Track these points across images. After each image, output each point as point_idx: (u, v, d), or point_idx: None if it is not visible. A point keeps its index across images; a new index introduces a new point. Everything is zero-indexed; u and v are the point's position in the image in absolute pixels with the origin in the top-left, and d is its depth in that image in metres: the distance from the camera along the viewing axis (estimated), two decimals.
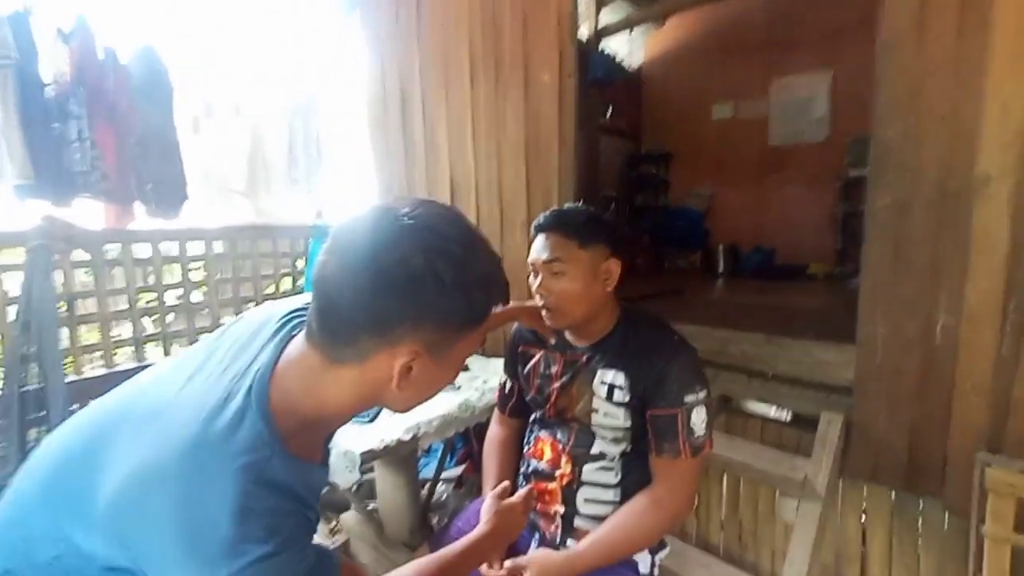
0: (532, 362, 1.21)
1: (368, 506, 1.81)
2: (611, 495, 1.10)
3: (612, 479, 1.10)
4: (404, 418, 1.46)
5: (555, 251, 1.04)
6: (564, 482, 1.12)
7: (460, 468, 2.32)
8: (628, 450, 1.09)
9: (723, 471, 1.60)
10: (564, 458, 1.13)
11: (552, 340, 1.18)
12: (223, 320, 2.22)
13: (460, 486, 2.19)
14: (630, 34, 4.98)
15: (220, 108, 2.23)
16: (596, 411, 1.09)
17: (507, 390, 1.29)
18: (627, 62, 5.14)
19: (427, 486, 2.02)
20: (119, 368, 1.89)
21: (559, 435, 1.15)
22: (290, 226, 2.46)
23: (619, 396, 1.06)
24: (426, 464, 2.28)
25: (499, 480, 1.20)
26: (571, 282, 1.03)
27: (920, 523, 1.34)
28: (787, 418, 1.71)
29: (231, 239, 2.23)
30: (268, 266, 2.41)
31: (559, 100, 1.94)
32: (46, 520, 0.58)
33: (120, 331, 2.05)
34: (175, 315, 2.09)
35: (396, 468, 1.60)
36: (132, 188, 1.99)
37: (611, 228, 1.09)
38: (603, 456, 1.10)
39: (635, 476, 1.09)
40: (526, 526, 1.17)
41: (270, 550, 0.49)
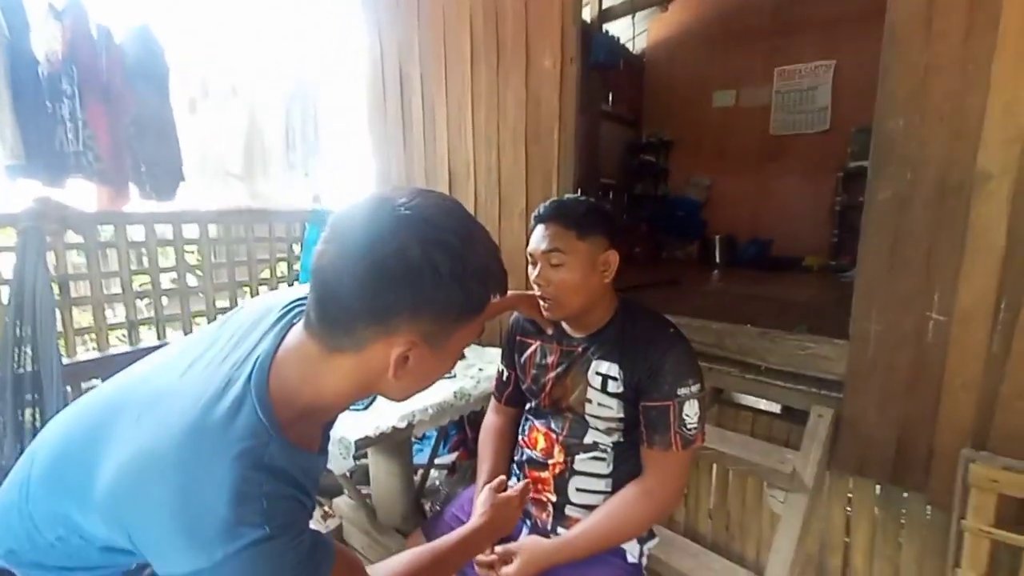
0: (528, 351, 1.21)
1: (361, 491, 1.83)
2: (602, 485, 1.11)
3: (604, 469, 1.11)
4: (399, 406, 1.47)
5: (554, 241, 1.04)
6: (556, 471, 1.14)
7: (453, 455, 2.35)
8: (621, 440, 1.11)
9: (713, 463, 1.62)
10: (557, 447, 1.14)
11: (550, 330, 1.19)
12: (218, 304, 2.21)
13: (453, 472, 2.22)
14: (633, 18, 4.90)
15: (217, 90, 2.19)
16: (590, 401, 1.10)
17: (504, 379, 1.30)
18: (629, 46, 5.07)
19: (420, 472, 2.04)
20: (112, 352, 1.89)
21: (553, 424, 1.17)
22: (287, 210, 2.44)
23: (613, 387, 1.07)
24: (419, 450, 2.30)
25: (494, 467, 1.21)
26: (569, 273, 1.03)
27: (903, 516, 1.36)
28: (778, 409, 1.73)
29: (227, 223, 2.21)
30: (264, 250, 2.39)
31: (560, 86, 1.91)
32: (48, 503, 0.59)
33: (113, 314, 2.04)
34: (169, 298, 2.08)
35: (390, 454, 1.62)
36: (126, 170, 1.96)
37: (610, 219, 1.09)
38: (596, 446, 1.12)
39: (627, 467, 1.10)
40: None
41: (266, 534, 0.50)
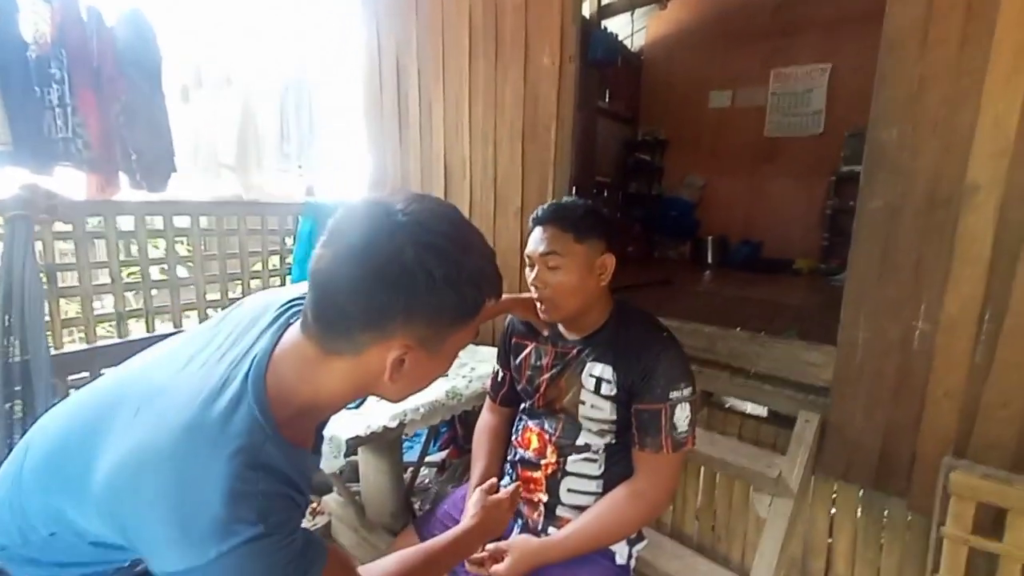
0: (524, 353, 1.22)
1: (350, 488, 1.82)
2: (594, 486, 1.13)
3: (595, 470, 1.13)
4: (390, 405, 1.47)
5: (552, 244, 1.05)
6: (548, 471, 1.15)
7: (444, 453, 2.36)
8: (613, 442, 1.12)
9: (701, 466, 1.64)
10: (550, 448, 1.15)
11: (545, 331, 1.20)
12: (208, 296, 2.19)
13: (443, 470, 2.22)
14: (632, 14, 4.89)
15: (211, 78, 2.15)
16: (583, 403, 1.11)
17: (499, 379, 1.31)
18: (628, 43, 5.06)
19: (410, 470, 2.04)
20: (100, 343, 1.87)
21: (546, 425, 1.18)
22: (279, 203, 2.41)
23: (606, 389, 1.08)
24: (409, 447, 2.31)
25: (488, 466, 1.22)
26: (567, 275, 1.04)
27: (885, 520, 1.39)
28: (766, 413, 1.76)
29: (219, 214, 2.19)
30: (256, 243, 2.37)
31: (558, 84, 1.91)
32: (43, 499, 0.59)
33: (101, 304, 2.01)
34: (159, 290, 2.06)
35: (380, 452, 1.62)
36: (116, 158, 1.92)
37: (607, 223, 1.10)
38: (588, 448, 1.13)
39: (618, 468, 1.12)
40: None
41: (260, 532, 0.50)
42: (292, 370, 0.58)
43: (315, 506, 1.97)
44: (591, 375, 1.10)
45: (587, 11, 4.34)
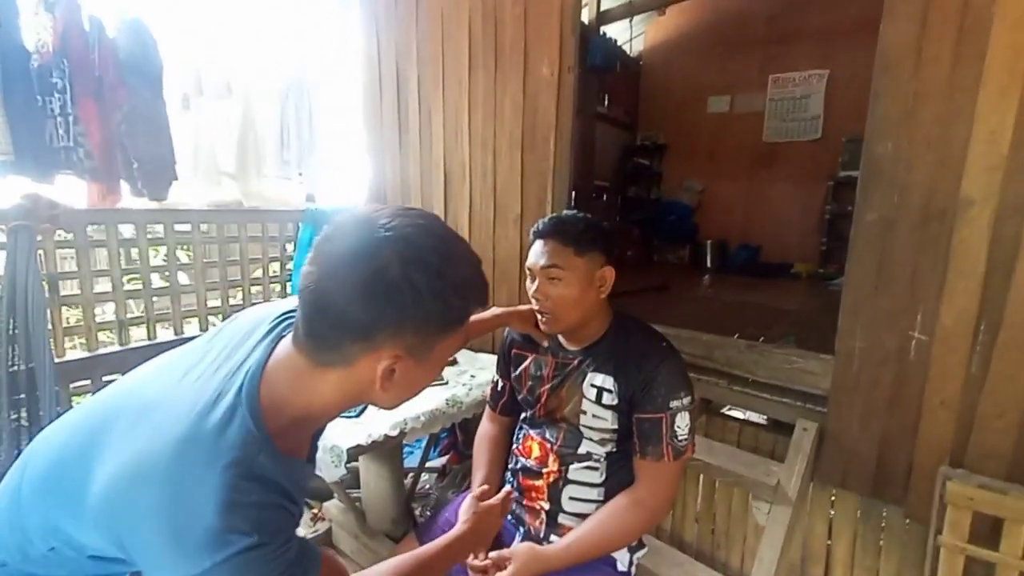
0: (524, 364, 1.24)
1: (351, 495, 1.83)
2: (595, 494, 1.14)
3: (597, 478, 1.14)
4: (391, 414, 1.48)
5: (553, 257, 1.06)
6: (550, 480, 1.16)
7: (444, 458, 2.36)
8: (614, 451, 1.13)
9: (700, 473, 1.66)
10: (552, 456, 1.17)
11: (545, 343, 1.21)
12: (209, 303, 2.20)
13: (443, 476, 2.23)
14: (631, 20, 4.91)
15: (211, 86, 2.17)
16: (585, 413, 1.12)
17: (499, 389, 1.32)
18: (626, 48, 5.08)
19: (411, 476, 2.05)
20: (102, 351, 1.87)
21: (548, 434, 1.19)
22: (280, 210, 2.42)
23: (608, 399, 1.10)
24: (410, 453, 2.31)
25: (488, 475, 1.23)
26: (567, 288, 1.06)
27: (883, 529, 1.40)
28: (764, 420, 1.77)
29: (219, 221, 2.20)
30: (256, 249, 2.38)
31: (557, 94, 1.92)
32: (42, 514, 0.60)
33: (102, 312, 2.01)
34: (159, 298, 2.06)
35: (381, 458, 1.62)
36: (118, 167, 1.93)
37: (607, 236, 1.11)
38: (589, 456, 1.14)
39: (619, 476, 1.13)
40: (512, 521, 1.21)
41: (254, 542, 0.51)
42: (285, 382, 0.59)
43: (316, 512, 1.98)
44: (592, 385, 1.11)
45: (586, 17, 4.36)
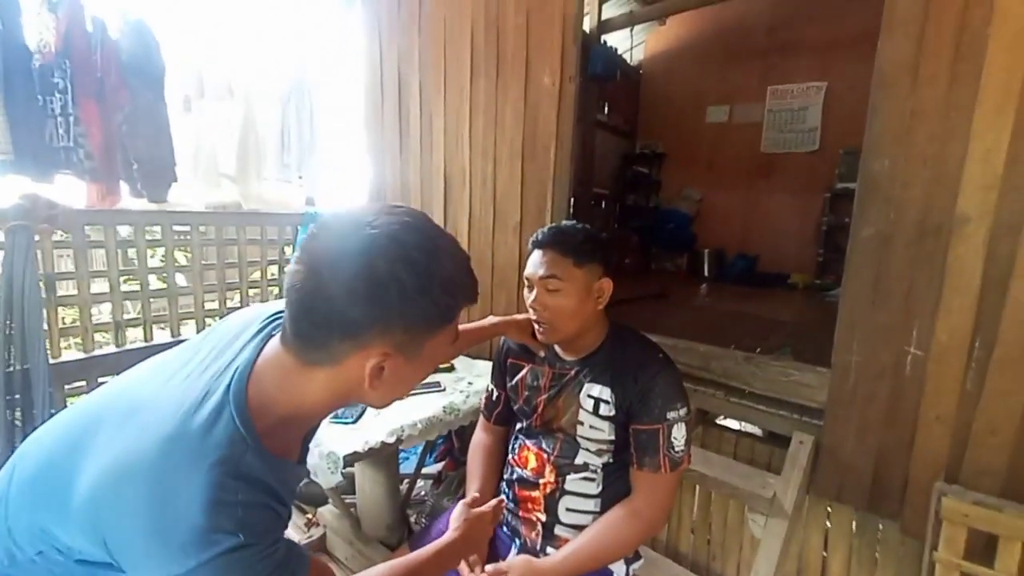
0: (520, 374, 1.23)
1: (346, 501, 1.82)
2: (591, 505, 1.13)
3: (593, 489, 1.14)
4: (388, 420, 1.47)
5: (551, 268, 1.07)
6: (547, 491, 1.16)
7: (440, 465, 2.35)
8: (610, 461, 1.13)
9: (696, 484, 1.65)
10: (548, 467, 1.16)
11: (542, 353, 1.21)
12: (207, 306, 2.19)
13: (439, 483, 2.22)
14: (631, 30, 4.94)
15: (213, 88, 2.17)
16: (582, 424, 1.12)
17: (493, 398, 1.32)
18: (627, 56, 5.12)
19: (406, 482, 2.04)
20: (98, 352, 1.86)
21: (544, 445, 1.18)
22: (279, 213, 2.42)
23: (605, 410, 1.09)
24: (405, 459, 2.30)
25: (483, 486, 1.23)
26: (566, 299, 1.06)
27: (878, 543, 1.40)
28: (759, 431, 1.77)
29: (218, 224, 2.19)
30: (255, 252, 2.37)
31: (558, 103, 1.93)
32: (29, 518, 0.59)
33: (99, 312, 2.01)
34: (156, 299, 2.06)
35: (376, 465, 1.62)
36: (117, 167, 1.93)
37: (606, 247, 1.12)
38: (586, 467, 1.14)
39: (615, 487, 1.13)
40: (508, 532, 1.21)
41: (240, 542, 0.51)
42: (273, 381, 0.59)
43: (311, 518, 1.97)
44: (589, 396, 1.11)
45: (587, 26, 4.38)
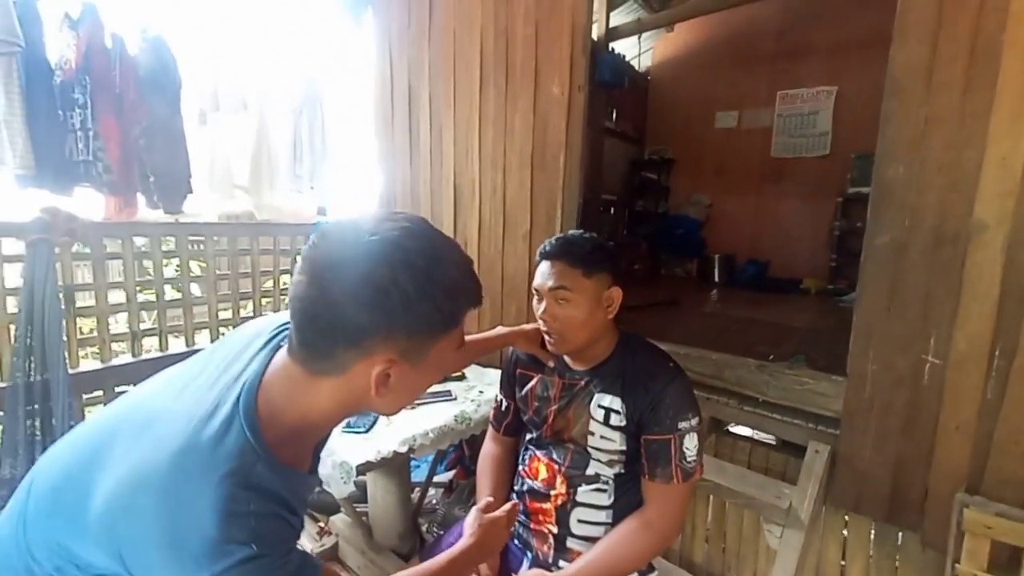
0: (530, 385, 1.23)
1: (358, 509, 1.83)
2: (603, 516, 1.12)
3: (605, 500, 1.12)
4: (400, 430, 1.48)
5: (560, 279, 1.06)
6: (558, 502, 1.15)
7: (451, 473, 2.35)
8: (622, 472, 1.12)
9: (710, 494, 1.64)
10: (559, 478, 1.15)
11: (551, 363, 1.21)
12: (221, 315, 2.22)
13: (450, 491, 2.22)
14: (639, 37, 4.95)
15: (228, 102, 2.21)
16: (592, 434, 1.11)
17: (503, 409, 1.31)
18: (635, 63, 5.12)
19: (417, 491, 2.04)
20: (115, 362, 1.89)
21: (555, 455, 1.17)
22: (291, 223, 2.45)
23: (616, 420, 1.09)
24: (416, 467, 2.30)
25: (493, 497, 1.22)
26: (575, 309, 1.05)
27: (898, 555, 1.38)
28: (773, 440, 1.75)
29: (232, 234, 2.23)
30: (268, 262, 2.40)
31: (568, 112, 1.94)
32: (46, 534, 0.59)
33: (115, 322, 2.04)
34: (172, 309, 2.09)
35: (388, 474, 1.62)
36: (135, 180, 1.97)
37: (614, 257, 1.11)
38: (598, 478, 1.12)
39: (627, 498, 1.11)
40: (520, 545, 1.20)
41: (253, 552, 0.51)
42: (282, 392, 0.59)
43: (323, 526, 1.97)
44: (600, 406, 1.10)
45: (595, 34, 4.39)
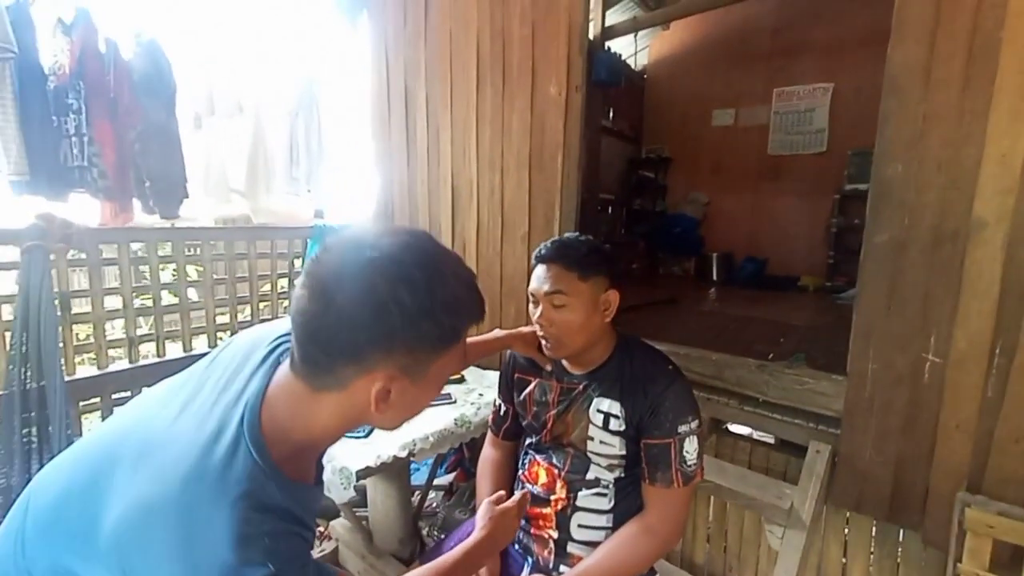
0: (528, 389, 1.22)
1: (358, 514, 1.82)
2: (604, 520, 1.12)
3: (605, 504, 1.12)
4: (399, 434, 1.47)
5: (556, 283, 1.05)
6: (558, 507, 1.14)
7: (451, 476, 2.35)
8: (622, 476, 1.11)
9: (711, 495, 1.63)
10: (559, 483, 1.15)
11: (548, 367, 1.20)
12: (218, 320, 2.21)
13: (450, 494, 2.21)
14: (635, 35, 4.95)
15: (223, 105, 2.20)
16: (592, 439, 1.10)
17: (501, 413, 1.30)
18: (631, 62, 5.12)
19: (417, 494, 2.03)
20: (112, 368, 1.88)
21: (555, 460, 1.17)
22: (288, 227, 2.44)
23: (615, 425, 1.08)
24: (416, 469, 2.30)
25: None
26: (572, 313, 1.04)
27: (899, 553, 1.38)
28: (773, 440, 1.75)
29: (229, 239, 2.21)
30: (265, 266, 2.39)
31: (565, 112, 1.93)
32: (49, 558, 0.59)
33: (112, 328, 2.03)
34: (169, 314, 2.07)
35: (388, 478, 1.62)
36: (130, 185, 1.96)
37: (611, 259, 1.10)
38: (598, 482, 1.12)
39: (627, 502, 1.11)
40: (520, 550, 1.19)
41: (270, 572, 0.51)
42: (285, 409, 0.59)
43: (323, 531, 1.97)
44: (599, 411, 1.09)
45: (591, 33, 4.38)
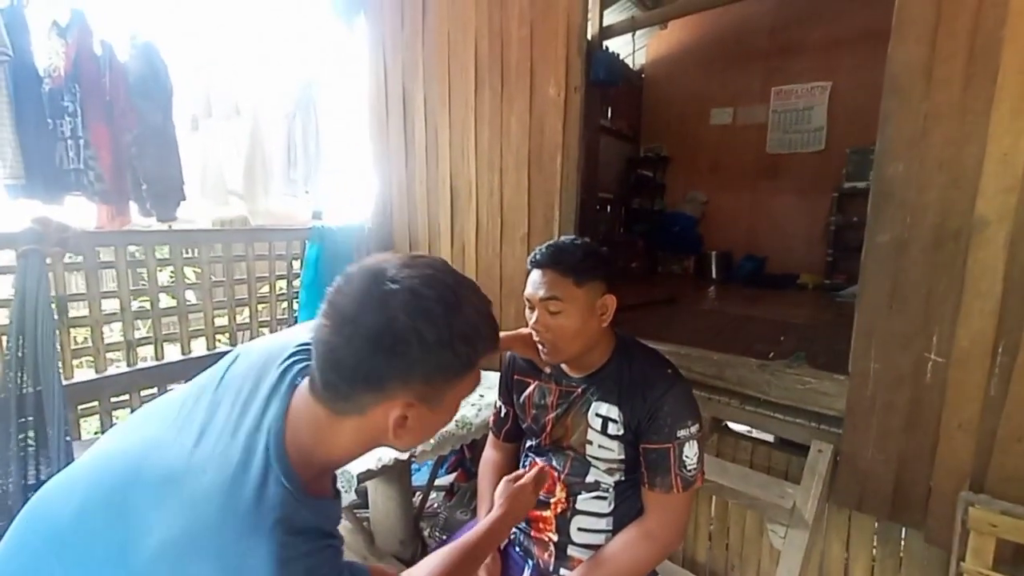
0: (527, 391, 1.21)
1: (359, 515, 1.81)
2: (604, 524, 1.11)
3: (605, 508, 1.11)
4: None
5: (552, 289, 1.03)
6: (558, 510, 1.13)
7: (452, 476, 2.34)
8: (622, 480, 1.10)
9: (712, 495, 1.63)
10: (559, 486, 1.14)
11: (547, 369, 1.19)
12: (217, 322, 2.20)
13: (451, 495, 2.21)
14: (633, 35, 4.95)
15: (220, 107, 2.19)
16: (591, 443, 1.10)
17: (502, 415, 1.29)
18: (629, 61, 5.12)
19: (418, 495, 2.03)
20: (111, 372, 1.87)
21: (554, 463, 1.16)
22: (286, 228, 2.42)
23: (613, 429, 1.07)
24: (417, 470, 2.29)
25: (494, 504, 1.21)
26: (568, 319, 1.02)
27: (902, 552, 1.37)
28: (772, 439, 1.74)
29: (226, 241, 2.20)
30: (263, 268, 2.38)
31: (564, 113, 1.93)
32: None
33: (110, 331, 2.02)
34: (167, 317, 2.06)
35: (389, 480, 1.61)
36: (127, 188, 1.95)
37: (607, 263, 1.08)
38: (597, 485, 1.11)
39: (627, 505, 1.10)
40: (520, 553, 1.19)
41: None
42: (309, 434, 0.61)
43: None
44: (597, 415, 1.09)
45: (589, 32, 4.38)
